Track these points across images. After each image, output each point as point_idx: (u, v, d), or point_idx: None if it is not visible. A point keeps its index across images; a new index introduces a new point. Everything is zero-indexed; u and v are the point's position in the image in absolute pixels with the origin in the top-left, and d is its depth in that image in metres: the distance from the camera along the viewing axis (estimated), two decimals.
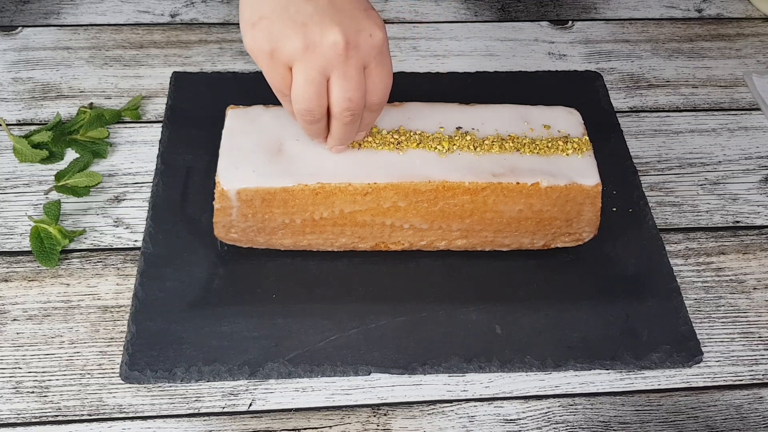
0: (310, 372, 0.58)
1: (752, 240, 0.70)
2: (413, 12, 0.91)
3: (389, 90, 0.56)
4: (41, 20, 0.86)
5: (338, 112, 0.55)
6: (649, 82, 0.85)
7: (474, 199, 0.60)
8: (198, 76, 0.79)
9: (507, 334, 0.61)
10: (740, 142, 0.79)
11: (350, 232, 0.62)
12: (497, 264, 0.65)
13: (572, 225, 0.63)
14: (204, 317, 0.60)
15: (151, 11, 0.89)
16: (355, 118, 0.56)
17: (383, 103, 0.57)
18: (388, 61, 0.55)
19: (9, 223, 0.67)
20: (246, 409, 0.58)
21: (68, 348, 0.60)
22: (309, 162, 0.60)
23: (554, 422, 0.58)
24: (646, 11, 0.94)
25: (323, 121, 0.57)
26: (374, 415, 0.58)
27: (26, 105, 0.77)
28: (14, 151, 0.71)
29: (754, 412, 0.59)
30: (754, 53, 0.89)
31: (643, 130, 0.79)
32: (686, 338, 0.61)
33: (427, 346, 0.60)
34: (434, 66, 0.84)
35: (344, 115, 0.55)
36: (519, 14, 0.92)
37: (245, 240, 0.63)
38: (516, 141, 0.62)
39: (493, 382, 0.60)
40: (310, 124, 0.57)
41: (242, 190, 0.59)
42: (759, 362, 0.62)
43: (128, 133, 0.75)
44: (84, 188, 0.69)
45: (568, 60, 0.86)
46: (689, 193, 0.74)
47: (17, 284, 0.63)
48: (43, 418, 0.56)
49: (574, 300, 0.63)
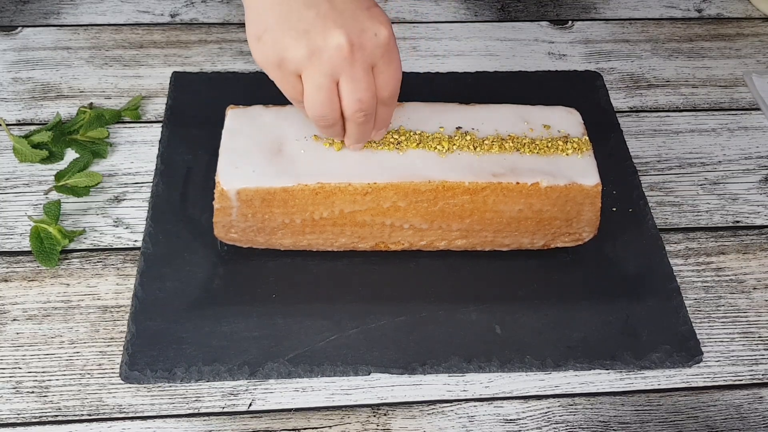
0: (310, 372, 0.58)
1: (752, 240, 0.70)
2: (413, 12, 0.91)
3: (399, 83, 0.57)
4: (41, 20, 0.86)
5: (351, 113, 0.55)
6: (649, 82, 0.85)
7: (474, 199, 0.60)
8: (198, 76, 0.79)
9: (507, 334, 0.61)
10: (740, 142, 0.79)
11: (350, 232, 0.62)
12: (497, 264, 0.65)
13: (572, 225, 0.63)
14: (204, 317, 0.60)
15: (151, 11, 0.89)
16: (369, 118, 0.56)
17: (395, 96, 0.57)
18: (396, 56, 0.55)
19: (9, 223, 0.67)
20: (246, 409, 0.58)
21: (68, 348, 0.60)
22: (309, 162, 0.60)
23: (554, 422, 0.58)
24: (646, 11, 0.94)
25: (339, 124, 0.57)
26: (374, 415, 0.58)
27: (26, 105, 0.77)
28: (14, 151, 0.71)
29: (754, 412, 0.59)
30: (754, 53, 0.89)
31: (643, 130, 0.79)
32: (686, 338, 0.61)
33: (427, 346, 0.60)
34: (434, 66, 0.84)
35: (357, 116, 0.55)
36: (519, 14, 0.92)
37: (245, 240, 0.63)
38: (516, 141, 0.62)
39: (493, 382, 0.60)
40: (326, 129, 0.57)
41: (242, 190, 0.59)
42: (759, 362, 0.62)
43: (128, 133, 0.75)
44: (84, 188, 0.69)
45: (568, 60, 0.86)
46: (689, 193, 0.74)
47: (17, 284, 0.63)
48: (43, 418, 0.56)
49: (574, 300, 0.63)
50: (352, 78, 0.53)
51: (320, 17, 0.52)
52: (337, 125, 0.57)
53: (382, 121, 0.59)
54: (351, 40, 0.52)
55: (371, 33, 0.53)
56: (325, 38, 0.52)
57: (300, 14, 0.52)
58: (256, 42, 0.54)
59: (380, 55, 0.54)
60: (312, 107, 0.55)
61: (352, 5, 0.53)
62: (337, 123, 0.57)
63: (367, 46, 0.53)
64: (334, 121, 0.56)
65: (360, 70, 0.53)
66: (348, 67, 0.53)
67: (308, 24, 0.52)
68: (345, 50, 0.52)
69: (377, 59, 0.54)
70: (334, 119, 0.56)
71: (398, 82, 0.56)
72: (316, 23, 0.52)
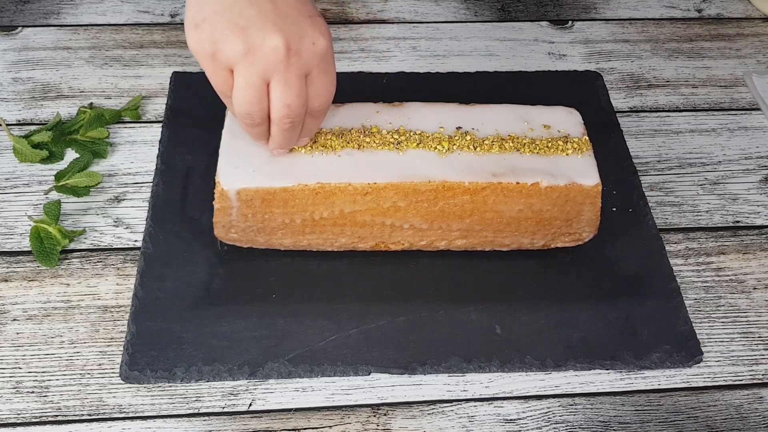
0: (310, 372, 0.58)
1: (752, 240, 0.70)
2: (413, 12, 0.91)
3: (332, 97, 0.56)
4: (41, 20, 0.86)
5: (277, 118, 0.55)
6: (649, 82, 0.85)
7: (474, 199, 0.60)
8: (198, 76, 0.79)
9: (507, 334, 0.61)
10: (740, 142, 0.79)
11: (350, 232, 0.62)
12: (497, 264, 0.65)
13: (572, 225, 0.63)
14: (204, 317, 0.60)
15: (151, 11, 0.89)
16: (295, 125, 0.56)
17: (325, 110, 0.57)
18: (332, 68, 0.55)
19: (9, 223, 0.67)
20: (246, 409, 0.58)
21: (68, 348, 0.60)
22: (309, 162, 0.60)
23: (554, 422, 0.58)
24: (646, 11, 0.94)
25: (264, 125, 0.56)
26: (374, 415, 0.58)
27: (26, 105, 0.77)
28: (14, 151, 0.71)
29: (754, 412, 0.59)
30: (754, 53, 0.89)
31: (643, 130, 0.79)
32: (686, 338, 0.61)
33: (427, 346, 0.60)
34: (434, 66, 0.84)
35: (283, 121, 0.55)
36: (519, 14, 0.92)
37: (245, 240, 0.63)
38: (516, 141, 0.62)
39: (493, 382, 0.60)
40: (250, 127, 0.57)
41: (242, 190, 0.59)
42: (759, 362, 0.62)
43: (128, 133, 0.75)
44: (84, 188, 0.69)
45: (568, 60, 0.86)
46: (689, 193, 0.74)
47: (17, 284, 0.63)
48: (43, 418, 0.56)
49: (574, 300, 0.63)
50: (285, 82, 0.53)
51: (261, 16, 0.52)
52: (262, 126, 0.56)
53: (308, 131, 0.59)
54: (288, 44, 0.52)
55: (310, 41, 0.53)
56: (263, 38, 0.51)
57: (242, 9, 0.52)
58: (194, 29, 0.53)
59: (316, 64, 0.53)
60: (239, 104, 0.54)
61: (295, 11, 0.53)
62: (263, 124, 0.56)
63: (304, 53, 0.53)
64: (260, 121, 0.55)
65: (293, 75, 0.53)
66: (282, 70, 0.52)
67: (248, 21, 0.51)
68: (281, 53, 0.52)
69: (312, 68, 0.53)
70: (261, 119, 0.55)
71: (330, 95, 0.56)
72: (256, 21, 0.51)
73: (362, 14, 0.90)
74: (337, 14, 0.90)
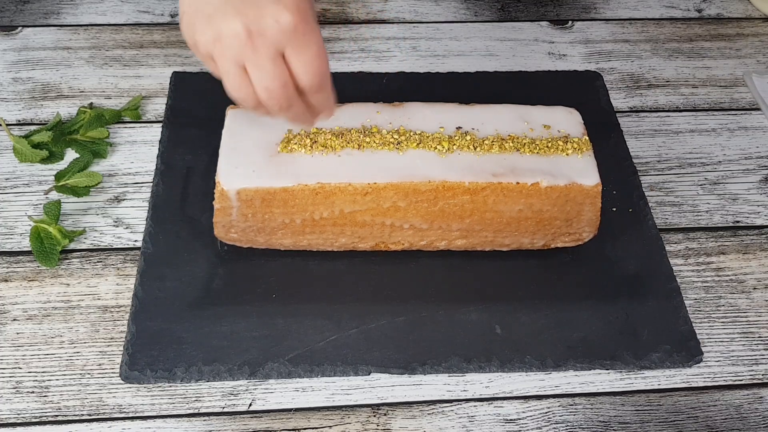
0: (310, 372, 0.58)
1: (752, 240, 0.70)
2: (413, 12, 0.91)
3: (322, 70, 0.53)
4: (41, 20, 0.86)
5: (264, 102, 0.53)
6: (649, 82, 0.85)
7: (474, 199, 0.60)
8: (198, 76, 0.79)
9: (507, 334, 0.61)
10: (740, 142, 0.79)
11: (350, 232, 0.62)
12: (497, 264, 0.65)
13: (572, 225, 0.63)
14: (204, 317, 0.60)
15: (151, 11, 0.89)
16: (285, 107, 0.54)
17: (322, 83, 0.54)
18: (312, 40, 0.52)
19: (9, 223, 0.67)
20: (246, 409, 0.58)
21: (68, 348, 0.60)
22: (309, 162, 0.60)
23: (554, 422, 0.58)
24: (646, 11, 0.94)
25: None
26: (374, 415, 0.58)
27: (26, 105, 0.77)
28: (14, 151, 0.71)
29: (754, 412, 0.59)
30: (754, 53, 0.89)
31: (643, 130, 0.79)
32: (686, 338, 0.61)
33: (427, 346, 0.60)
34: (434, 66, 0.84)
35: (270, 104, 0.53)
36: (519, 14, 0.92)
37: (245, 240, 0.63)
38: (516, 141, 0.62)
39: (493, 382, 0.60)
40: (254, 110, 0.55)
41: (242, 190, 0.59)
42: (759, 362, 0.62)
43: (128, 133, 0.75)
44: (84, 188, 0.69)
45: (568, 60, 0.86)
46: (689, 193, 0.74)
47: (17, 284, 0.63)
48: (43, 418, 0.56)
49: (574, 300, 0.63)
50: (256, 66, 0.51)
51: (223, 2, 0.51)
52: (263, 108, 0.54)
53: (322, 107, 0.56)
54: (248, 28, 0.50)
55: (271, 20, 0.50)
56: (224, 25, 0.51)
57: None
58: (180, 23, 0.53)
59: (286, 41, 0.51)
60: (229, 92, 0.53)
61: None
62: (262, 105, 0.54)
63: (267, 33, 0.51)
64: (255, 104, 0.54)
65: (263, 57, 0.51)
66: (250, 54, 0.51)
67: (213, 8, 0.51)
68: (242, 37, 0.50)
69: (284, 46, 0.51)
70: (256, 102, 0.54)
71: (319, 68, 0.53)
72: (219, 8, 0.51)
73: (362, 14, 0.90)
74: (337, 14, 0.90)
